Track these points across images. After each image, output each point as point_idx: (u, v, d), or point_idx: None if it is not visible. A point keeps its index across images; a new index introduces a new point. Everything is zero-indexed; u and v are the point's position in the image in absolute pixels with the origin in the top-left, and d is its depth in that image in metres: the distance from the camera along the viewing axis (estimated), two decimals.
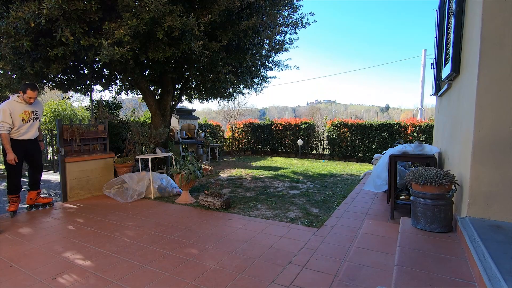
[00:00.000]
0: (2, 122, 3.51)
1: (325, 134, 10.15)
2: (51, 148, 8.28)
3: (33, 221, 3.52)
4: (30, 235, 3.08)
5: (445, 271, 1.54)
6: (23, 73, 4.39)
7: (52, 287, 2.06)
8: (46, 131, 8.79)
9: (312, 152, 10.45)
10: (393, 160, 3.17)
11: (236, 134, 11.65)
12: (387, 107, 66.73)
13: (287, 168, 7.67)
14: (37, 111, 3.84)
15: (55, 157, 7.62)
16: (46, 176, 7.10)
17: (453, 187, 2.08)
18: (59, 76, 5.32)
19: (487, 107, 1.86)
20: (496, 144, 1.84)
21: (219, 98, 7.45)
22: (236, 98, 7.98)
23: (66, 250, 2.67)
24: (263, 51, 6.04)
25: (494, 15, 1.82)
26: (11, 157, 3.51)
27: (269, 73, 7.18)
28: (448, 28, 2.95)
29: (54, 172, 7.61)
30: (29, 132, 3.77)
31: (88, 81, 5.69)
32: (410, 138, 8.35)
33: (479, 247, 1.48)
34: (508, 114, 1.81)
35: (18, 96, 3.66)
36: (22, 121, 3.67)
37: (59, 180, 4.47)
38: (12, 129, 3.62)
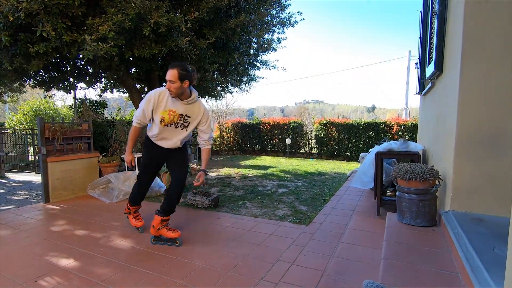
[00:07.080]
0: (140, 110, 2.59)
1: (313, 133, 10.24)
2: (32, 148, 8.01)
3: (13, 223, 3.38)
4: (10, 237, 2.96)
5: (430, 264, 1.57)
6: (1, 69, 4.22)
7: None
8: (27, 130, 8.51)
9: (301, 151, 10.52)
10: (379, 157, 3.22)
11: (225, 134, 11.59)
12: (373, 107, 68.00)
13: (275, 167, 7.69)
14: (188, 118, 2.63)
15: (37, 158, 7.37)
16: (27, 177, 6.85)
17: (437, 182, 2.13)
18: (40, 73, 5.13)
19: (469, 104, 1.92)
20: (477, 140, 1.90)
21: (207, 97, 7.38)
22: (224, 97, 7.94)
23: (49, 252, 2.57)
24: (251, 50, 6.03)
25: (476, 14, 1.87)
26: (128, 158, 2.78)
27: (257, 73, 7.17)
28: (431, 28, 3.03)
29: (36, 172, 7.36)
30: (168, 141, 2.72)
31: (71, 79, 5.52)
32: (396, 136, 8.52)
33: (462, 239, 1.52)
34: (489, 112, 1.88)
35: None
36: (161, 122, 2.56)
37: (41, 180, 4.31)
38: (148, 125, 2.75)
